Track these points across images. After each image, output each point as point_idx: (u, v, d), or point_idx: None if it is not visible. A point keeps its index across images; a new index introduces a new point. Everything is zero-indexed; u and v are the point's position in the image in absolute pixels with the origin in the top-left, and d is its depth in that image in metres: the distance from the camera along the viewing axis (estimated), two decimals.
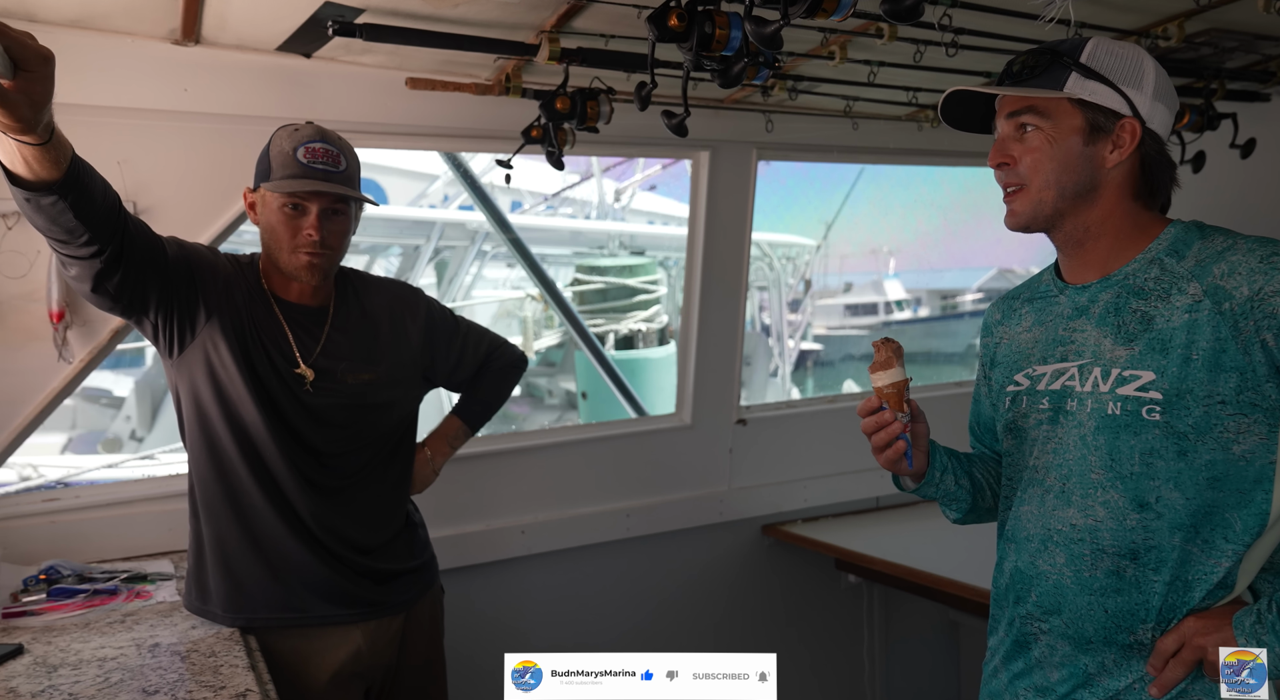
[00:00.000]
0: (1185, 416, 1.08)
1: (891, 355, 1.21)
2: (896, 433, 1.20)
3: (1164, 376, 1.09)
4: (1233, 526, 1.09)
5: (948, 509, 1.38)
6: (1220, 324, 1.07)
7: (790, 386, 10.25)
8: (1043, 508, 1.20)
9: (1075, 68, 1.15)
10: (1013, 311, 1.34)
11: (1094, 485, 1.14)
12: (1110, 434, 1.13)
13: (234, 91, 1.95)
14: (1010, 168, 1.19)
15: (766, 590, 2.91)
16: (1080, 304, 1.21)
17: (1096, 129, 1.15)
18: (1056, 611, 1.18)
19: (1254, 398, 1.06)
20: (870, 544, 2.68)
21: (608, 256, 7.69)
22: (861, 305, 21.62)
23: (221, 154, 1.98)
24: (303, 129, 1.60)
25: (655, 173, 9.04)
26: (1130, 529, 1.12)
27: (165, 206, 1.93)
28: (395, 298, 1.78)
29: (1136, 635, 1.12)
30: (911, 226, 30.96)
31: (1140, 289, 1.15)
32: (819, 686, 3.01)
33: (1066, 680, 1.17)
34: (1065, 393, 1.19)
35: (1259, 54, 2.27)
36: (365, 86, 2.05)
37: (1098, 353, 1.17)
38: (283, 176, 1.55)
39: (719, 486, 2.81)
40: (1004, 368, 1.31)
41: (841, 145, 2.67)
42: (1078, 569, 1.16)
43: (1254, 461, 1.08)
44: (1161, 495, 1.10)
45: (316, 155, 1.57)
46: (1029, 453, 1.23)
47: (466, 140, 2.34)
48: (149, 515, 2.03)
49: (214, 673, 1.37)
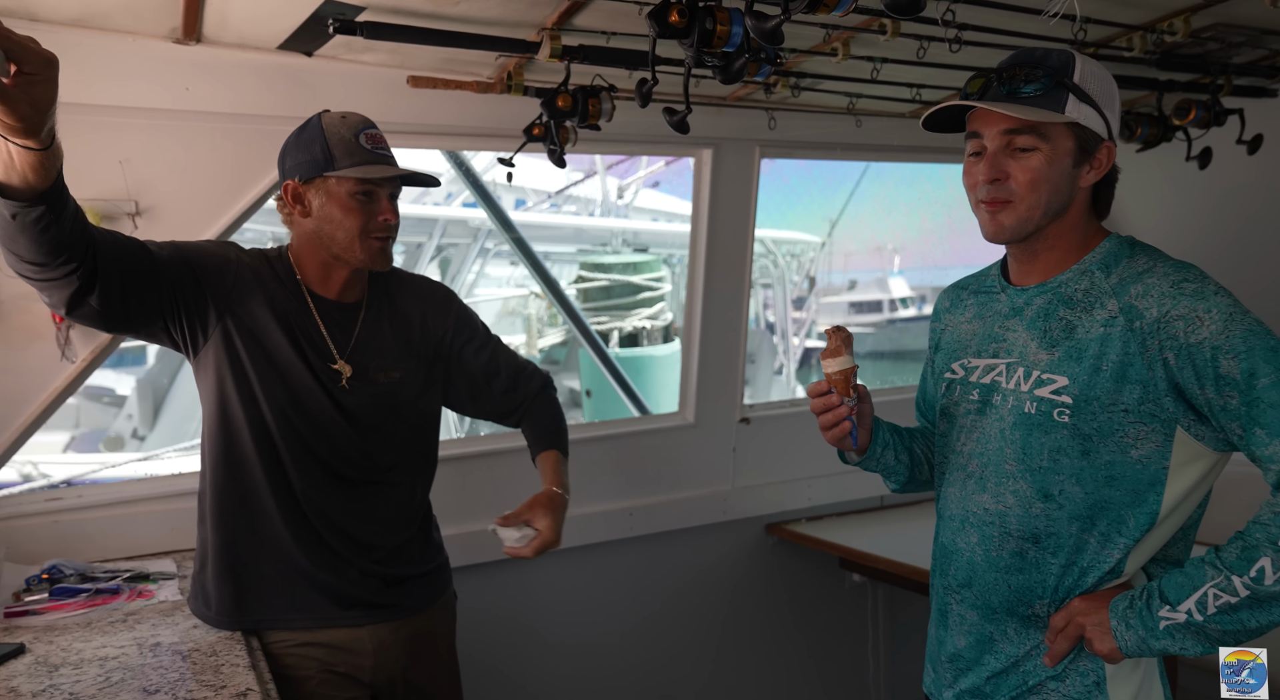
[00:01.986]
0: (1091, 420, 1.18)
1: (841, 344, 1.29)
2: (843, 415, 1.30)
3: (1075, 383, 1.19)
4: (1126, 522, 1.19)
5: (888, 480, 1.49)
6: (1130, 340, 1.16)
7: (795, 384, 10.23)
8: (964, 491, 1.31)
9: (1072, 90, 1.18)
10: (959, 301, 1.43)
11: (1007, 475, 1.25)
12: (1025, 430, 1.23)
13: (235, 90, 1.94)
14: (1003, 184, 1.21)
15: (770, 589, 2.91)
16: (1017, 305, 1.30)
17: (1084, 152, 1.21)
18: (969, 584, 1.30)
19: (1154, 409, 1.16)
20: (874, 543, 2.67)
21: (611, 254, 7.68)
22: (866, 302, 21.58)
23: (223, 153, 1.98)
24: (349, 116, 1.58)
25: (659, 170, 9.03)
26: (1035, 516, 1.23)
27: (167, 206, 1.93)
28: (426, 296, 1.74)
29: (1034, 609, 1.25)
30: (916, 224, 30.91)
31: (1069, 298, 1.24)
32: (823, 685, 3.01)
33: (973, 646, 1.30)
34: (993, 387, 1.29)
35: (1266, 49, 2.25)
36: (367, 85, 2.05)
37: (1024, 354, 1.26)
38: (354, 163, 1.53)
39: (723, 485, 2.81)
40: (945, 354, 1.40)
41: (845, 142, 2.66)
42: (987, 548, 1.28)
43: (1149, 466, 1.17)
44: (1064, 489, 1.21)
45: (378, 141, 1.58)
46: (957, 438, 1.34)
47: (468, 139, 2.33)
48: (152, 515, 2.03)
49: (215, 672, 1.36)
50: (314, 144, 1.55)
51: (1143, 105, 2.56)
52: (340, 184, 1.54)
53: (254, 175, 2.01)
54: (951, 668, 1.33)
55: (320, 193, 1.55)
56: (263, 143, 2.01)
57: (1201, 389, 1.13)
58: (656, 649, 2.74)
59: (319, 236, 1.57)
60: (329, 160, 1.53)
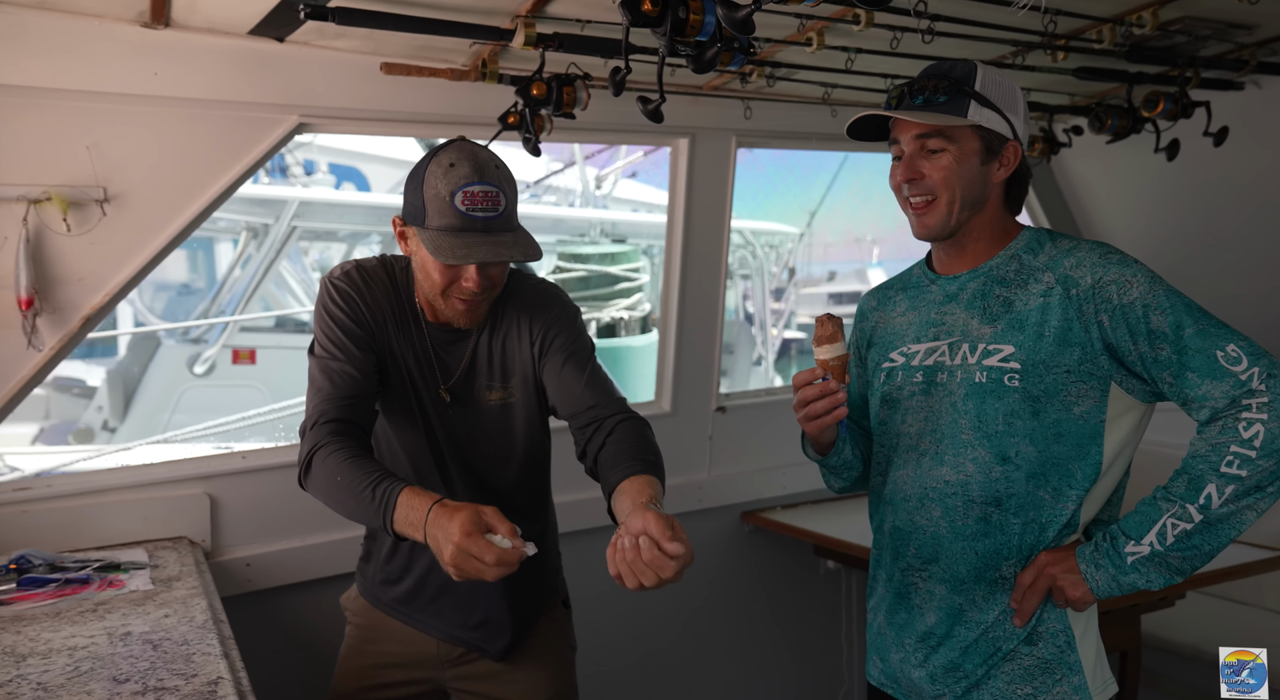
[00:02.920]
0: (1038, 382, 1.29)
1: (836, 330, 1.32)
2: (840, 401, 1.33)
3: (1021, 349, 1.30)
4: (1074, 475, 1.30)
5: (836, 478, 1.53)
6: (1068, 306, 1.29)
7: (774, 375, 10.27)
8: (919, 469, 1.38)
9: (973, 96, 1.33)
10: (887, 299, 1.53)
11: (964, 444, 1.33)
12: (978, 399, 1.32)
13: (206, 76, 1.92)
14: (919, 182, 1.35)
15: (746, 576, 2.93)
16: (951, 291, 1.41)
17: (990, 151, 1.35)
18: (935, 559, 1.36)
19: (1091, 368, 1.28)
20: (848, 530, 2.69)
21: (589, 244, 7.67)
22: (845, 294, 21.66)
23: (194, 139, 1.96)
24: (458, 164, 1.40)
25: (637, 160, 9.01)
26: (995, 480, 1.32)
27: (137, 192, 1.91)
28: (534, 307, 1.58)
29: (1001, 571, 1.33)
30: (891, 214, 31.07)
31: (1003, 278, 1.36)
32: (797, 671, 3.04)
33: (944, 621, 1.36)
34: (936, 367, 1.38)
35: (1232, 43, 2.29)
36: (340, 71, 2.03)
37: (966, 331, 1.36)
38: (439, 227, 1.39)
39: (699, 474, 2.82)
40: (880, 347, 1.48)
41: (820, 133, 2.67)
42: (952, 520, 1.34)
43: (1089, 420, 1.30)
44: (1020, 450, 1.30)
45: (476, 201, 1.40)
46: (902, 421, 1.41)
47: (443, 126, 2.31)
48: (123, 504, 2.01)
49: (186, 661, 1.36)
50: (416, 188, 1.44)
51: (1113, 97, 2.59)
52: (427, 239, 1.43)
53: (225, 163, 1.99)
54: (923, 647, 1.38)
55: (415, 239, 1.46)
56: (234, 129, 1.99)
57: (1135, 345, 1.26)
58: (632, 636, 2.76)
59: (416, 270, 1.52)
60: (421, 214, 1.42)
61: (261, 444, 3.45)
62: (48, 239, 1.84)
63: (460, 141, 1.47)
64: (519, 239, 1.45)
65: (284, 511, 2.19)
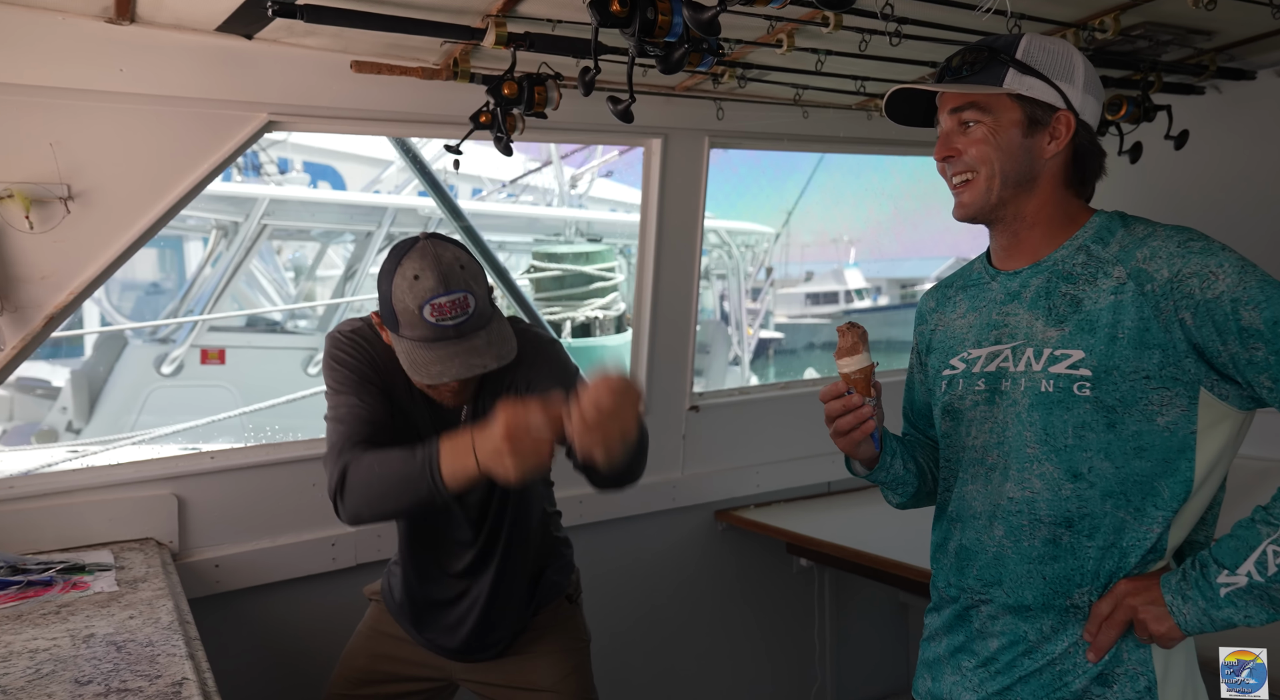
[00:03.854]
0: (1113, 391, 1.14)
1: (858, 340, 1.22)
2: (866, 416, 1.23)
3: (1092, 354, 1.15)
4: (1160, 494, 1.15)
5: (892, 494, 1.42)
6: (1143, 304, 1.13)
7: (750, 375, 10.33)
8: (988, 485, 1.25)
9: (1012, 64, 1.21)
10: (947, 299, 1.38)
11: (1030, 459, 1.20)
12: (1044, 410, 1.18)
13: (172, 73, 1.90)
14: (956, 159, 1.24)
15: (720, 574, 2.95)
16: (1012, 289, 1.26)
17: (1034, 122, 1.21)
18: (998, 582, 1.23)
19: (1175, 372, 1.13)
20: (821, 528, 2.72)
21: (564, 244, 7.67)
22: (822, 294, 21.84)
23: (161, 136, 1.94)
24: (423, 276, 1.41)
25: (612, 159, 9.02)
26: (1065, 498, 1.17)
27: (102, 190, 1.88)
28: (524, 361, 1.56)
29: (1073, 599, 1.18)
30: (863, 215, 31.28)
31: (1069, 274, 1.21)
32: (771, 668, 3.06)
33: (1007, 649, 1.22)
34: (1000, 373, 1.24)
35: (1192, 48, 2.33)
36: (309, 69, 2.02)
37: (1030, 334, 1.22)
38: (413, 339, 1.42)
39: (672, 473, 2.83)
40: (940, 353, 1.35)
41: (792, 134, 2.70)
42: (1017, 539, 1.21)
43: (1177, 432, 1.14)
44: (1093, 465, 1.16)
45: (445, 312, 1.41)
46: (967, 433, 1.28)
47: (414, 125, 2.31)
48: (88, 505, 1.98)
49: (150, 662, 1.35)
50: (385, 297, 1.45)
51: None
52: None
53: (192, 161, 1.97)
54: (981, 672, 1.25)
55: (393, 340, 1.48)
56: (202, 127, 1.97)
57: (1224, 345, 1.10)
58: (606, 634, 2.76)
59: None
60: (394, 322, 1.45)
61: (231, 444, 3.41)
62: (10, 237, 1.81)
63: (423, 244, 1.46)
64: (492, 340, 1.46)
65: (253, 512, 2.17)
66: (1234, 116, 2.68)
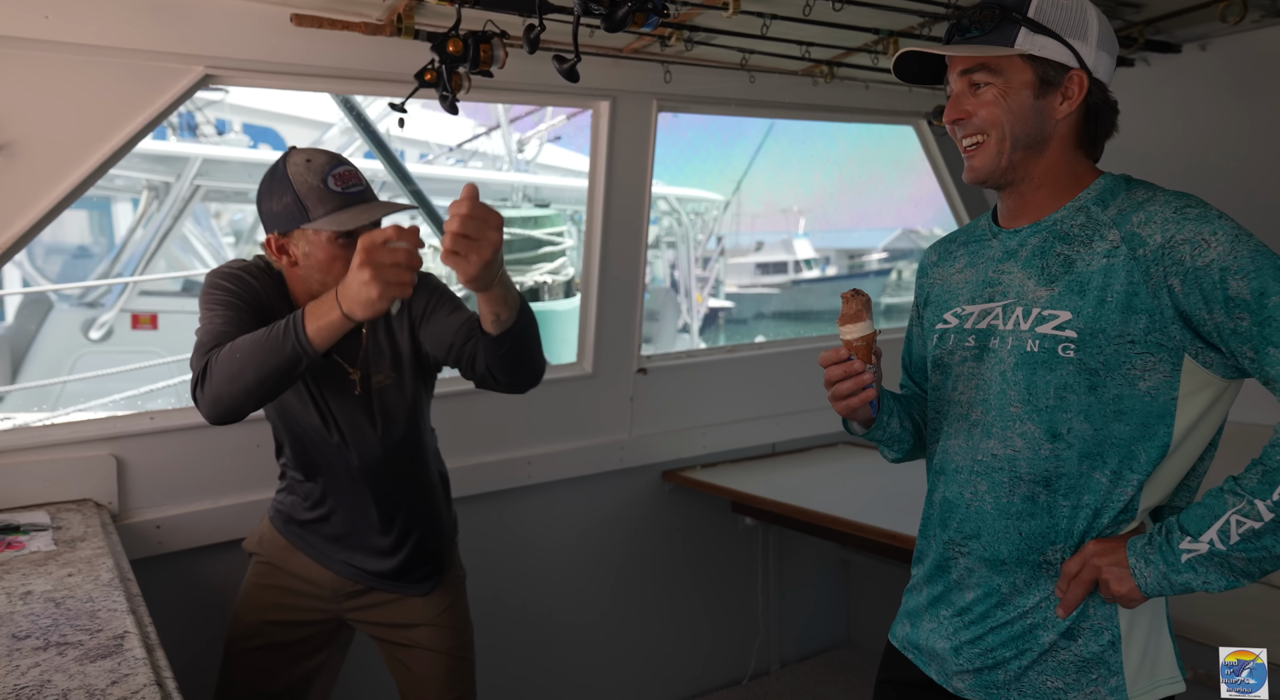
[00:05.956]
0: (1097, 354, 1.15)
1: (861, 308, 1.23)
2: (867, 382, 1.23)
3: (1080, 316, 1.16)
4: (1137, 457, 1.17)
5: (889, 450, 1.44)
6: (1134, 269, 1.14)
7: (699, 343, 10.41)
8: (970, 440, 1.27)
9: (1024, 22, 1.19)
10: (948, 254, 1.40)
11: (1013, 418, 1.22)
12: (1028, 370, 1.20)
13: (102, 21, 1.83)
14: (966, 121, 1.23)
15: (666, 533, 3.01)
16: (1010, 247, 1.27)
17: (1046, 82, 1.20)
18: (976, 535, 1.26)
19: (1160, 338, 1.14)
20: (766, 487, 2.79)
21: (511, 208, 7.60)
22: (772, 264, 21.99)
23: (90, 89, 1.88)
24: (313, 157, 1.55)
25: (560, 123, 8.93)
26: (1044, 458, 1.19)
27: (28, 142, 1.82)
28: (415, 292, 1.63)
29: (1046, 555, 1.21)
30: (809, 182, 31.41)
31: (1066, 234, 1.22)
32: (716, 623, 3.15)
33: (981, 600, 1.25)
34: (990, 331, 1.26)
35: (1122, 20, 2.41)
36: (248, 22, 1.96)
37: (1021, 293, 1.23)
38: (330, 211, 1.51)
39: (620, 434, 2.88)
40: (935, 306, 1.37)
41: (740, 98, 2.72)
42: (996, 496, 1.23)
43: (1158, 397, 1.15)
44: (1072, 427, 1.18)
45: (347, 180, 1.54)
46: (954, 388, 1.30)
47: (357, 82, 2.27)
48: (22, 466, 1.94)
49: (91, 617, 1.34)
50: (284, 194, 1.53)
51: None
52: (319, 234, 1.53)
53: (123, 115, 1.91)
54: (956, 621, 1.29)
55: (302, 243, 1.55)
56: (134, 79, 1.91)
57: (1210, 313, 1.10)
58: (554, 593, 2.81)
59: (309, 282, 1.58)
60: (303, 211, 1.52)
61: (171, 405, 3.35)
62: None
63: (295, 146, 1.61)
64: (391, 200, 1.57)
65: (195, 473, 2.15)
66: (1162, 89, 2.78)
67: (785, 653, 3.31)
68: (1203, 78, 2.69)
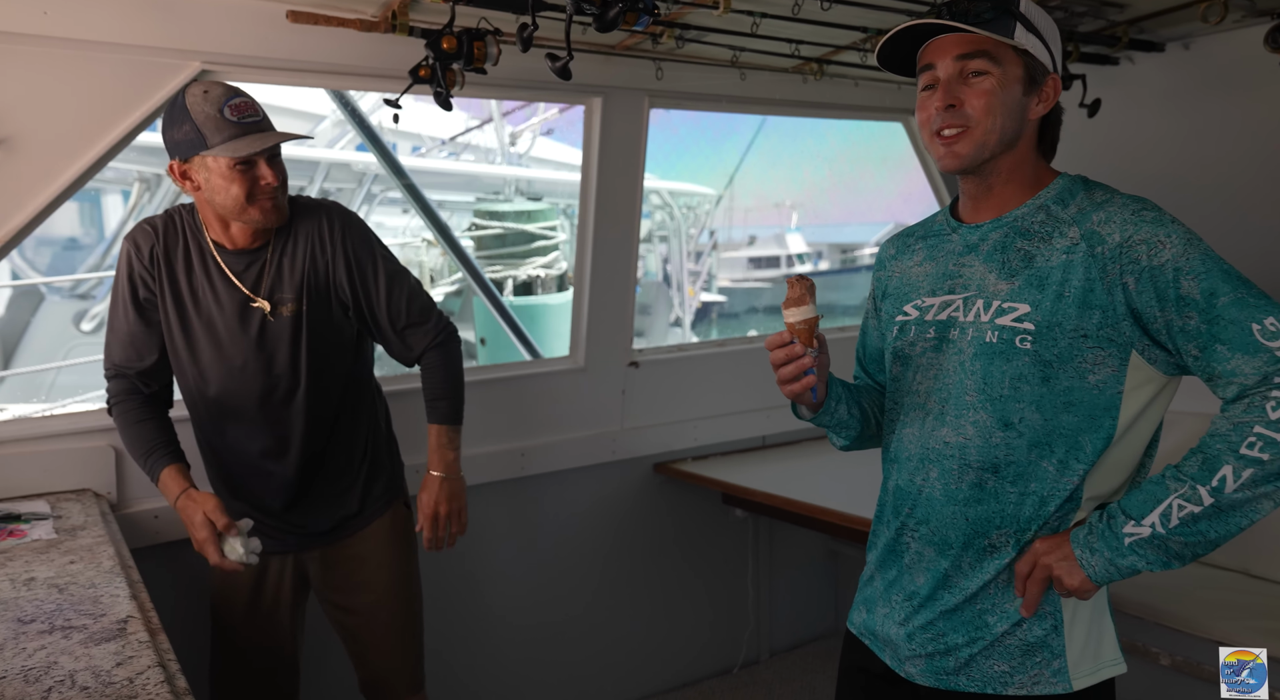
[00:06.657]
0: (1052, 346, 1.19)
1: (805, 292, 1.25)
2: (806, 366, 1.25)
3: (1038, 309, 1.20)
4: (1083, 447, 1.21)
5: (836, 436, 1.47)
6: (1091, 266, 1.18)
7: (691, 337, 10.44)
8: (923, 429, 1.30)
9: (1018, 18, 1.21)
10: (907, 248, 1.42)
11: (967, 406, 1.25)
12: (986, 360, 1.23)
13: (99, 17, 1.85)
14: (958, 110, 1.23)
15: (658, 525, 3.05)
16: (971, 241, 1.30)
17: (1032, 82, 1.23)
18: (926, 521, 1.29)
19: (1111, 334, 1.18)
20: (756, 479, 2.82)
21: (504, 202, 7.60)
22: (764, 258, 22.00)
23: (88, 84, 1.90)
24: (211, 89, 1.64)
25: (552, 116, 8.94)
26: (995, 446, 1.23)
27: (27, 137, 1.84)
28: (318, 225, 1.79)
29: (991, 539, 1.25)
30: (800, 178, 31.47)
31: (1026, 230, 1.25)
32: (706, 614, 3.19)
33: (929, 583, 1.29)
34: (950, 322, 1.28)
35: (1105, 20, 2.45)
36: (244, 18, 1.99)
37: (982, 286, 1.26)
38: (227, 139, 1.61)
39: (612, 427, 2.91)
40: (894, 299, 1.39)
41: (730, 95, 2.75)
42: (946, 482, 1.27)
43: (1105, 390, 1.19)
44: (1024, 416, 1.21)
45: (243, 110, 1.63)
46: (913, 378, 1.33)
47: (352, 78, 2.29)
48: (22, 456, 1.97)
49: (94, 602, 1.37)
50: (183, 123, 1.62)
51: None
52: (217, 160, 1.62)
53: (122, 110, 1.94)
54: (907, 606, 1.32)
55: (201, 169, 1.64)
56: (132, 75, 1.94)
57: (1162, 311, 1.15)
58: (546, 584, 2.85)
59: (213, 205, 1.69)
60: (201, 139, 1.61)
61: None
62: None
63: (193, 82, 1.72)
64: (287, 129, 1.70)
65: (191, 463, 2.17)
66: (1145, 87, 2.82)
67: (775, 642, 3.35)
68: (1185, 76, 2.73)
